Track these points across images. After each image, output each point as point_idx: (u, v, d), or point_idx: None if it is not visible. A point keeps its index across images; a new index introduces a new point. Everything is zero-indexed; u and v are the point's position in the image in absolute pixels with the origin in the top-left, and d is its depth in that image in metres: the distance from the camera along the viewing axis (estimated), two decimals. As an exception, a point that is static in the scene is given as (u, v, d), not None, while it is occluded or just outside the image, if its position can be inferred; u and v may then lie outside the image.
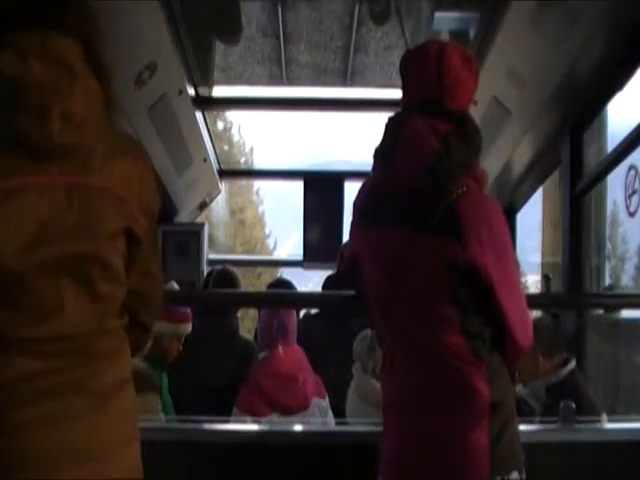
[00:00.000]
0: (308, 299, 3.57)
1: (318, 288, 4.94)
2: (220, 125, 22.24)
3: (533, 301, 3.16)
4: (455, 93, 2.37)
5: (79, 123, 1.64)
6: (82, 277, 1.66)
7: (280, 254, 25.36)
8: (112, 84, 1.75)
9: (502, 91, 4.57)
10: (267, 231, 25.66)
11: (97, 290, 1.68)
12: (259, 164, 24.74)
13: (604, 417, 3.54)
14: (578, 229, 4.73)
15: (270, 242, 25.58)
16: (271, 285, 4.92)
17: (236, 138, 24.43)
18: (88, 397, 1.65)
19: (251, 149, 24.90)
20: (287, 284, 4.71)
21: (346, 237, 2.67)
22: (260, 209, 25.35)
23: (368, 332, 3.63)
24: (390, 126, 2.42)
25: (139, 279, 1.83)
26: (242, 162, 23.69)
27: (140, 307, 1.88)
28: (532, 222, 6.56)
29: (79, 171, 1.66)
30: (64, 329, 1.64)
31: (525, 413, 3.58)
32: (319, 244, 6.11)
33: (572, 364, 3.83)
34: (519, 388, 3.73)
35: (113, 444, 1.68)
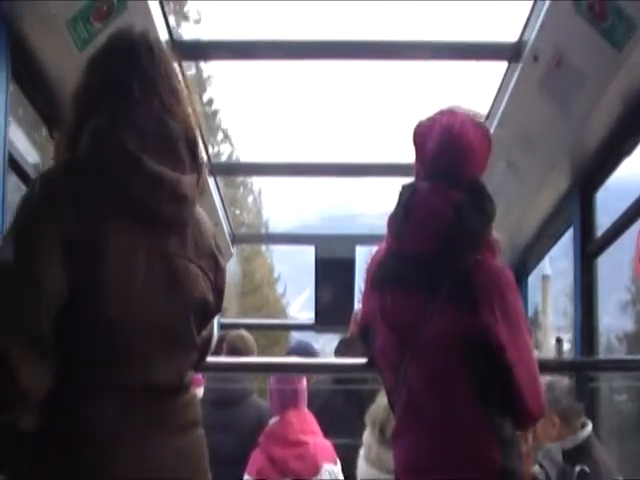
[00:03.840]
0: (321, 366, 3.57)
1: (328, 344, 4.90)
2: (232, 189, 22.20)
3: (545, 365, 3.13)
4: (468, 163, 2.40)
5: (183, 200, 1.86)
6: (168, 338, 1.84)
7: (291, 308, 25.17)
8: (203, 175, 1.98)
9: (512, 154, 4.59)
10: (275, 274, 25.45)
11: (179, 352, 1.88)
12: (272, 227, 24.59)
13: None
14: (590, 291, 4.70)
15: (279, 286, 25.41)
16: (291, 350, 4.90)
17: (248, 199, 24.38)
18: (170, 432, 1.83)
19: (260, 195, 24.76)
20: (307, 348, 4.69)
21: (358, 301, 2.68)
22: (269, 262, 25.19)
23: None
24: (403, 195, 2.44)
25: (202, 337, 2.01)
26: (253, 217, 23.63)
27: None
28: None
29: (176, 242, 1.87)
30: (149, 380, 1.80)
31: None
32: (331, 308, 6.06)
33: (589, 428, 3.77)
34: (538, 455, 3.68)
35: (197, 473, 1.89)
